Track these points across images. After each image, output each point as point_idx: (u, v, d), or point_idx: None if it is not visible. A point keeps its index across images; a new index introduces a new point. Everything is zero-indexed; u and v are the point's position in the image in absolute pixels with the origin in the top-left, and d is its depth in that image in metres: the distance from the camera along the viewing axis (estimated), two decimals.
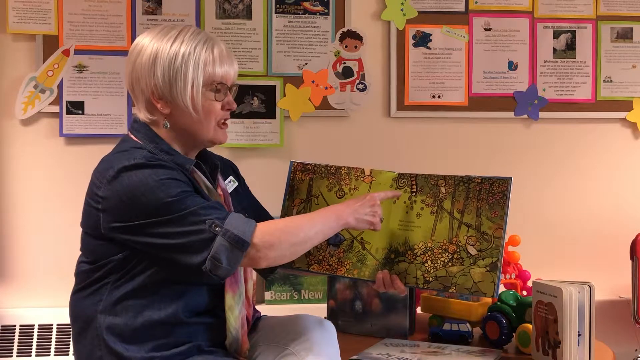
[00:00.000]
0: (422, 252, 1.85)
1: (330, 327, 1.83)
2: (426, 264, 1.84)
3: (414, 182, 1.92)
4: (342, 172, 1.98)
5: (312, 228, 1.71)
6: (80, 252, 1.77)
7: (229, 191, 1.88)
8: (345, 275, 1.90)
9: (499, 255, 1.81)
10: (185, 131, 1.75)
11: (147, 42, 1.73)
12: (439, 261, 1.84)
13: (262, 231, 1.64)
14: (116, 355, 1.66)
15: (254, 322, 1.90)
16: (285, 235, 1.67)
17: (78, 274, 1.75)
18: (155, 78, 1.71)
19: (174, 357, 1.68)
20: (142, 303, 1.66)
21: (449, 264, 1.83)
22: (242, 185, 1.98)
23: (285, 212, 2.02)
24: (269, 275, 2.03)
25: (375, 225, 1.80)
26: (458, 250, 1.83)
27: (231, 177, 1.92)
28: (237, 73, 1.82)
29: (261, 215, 2.01)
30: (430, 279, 1.83)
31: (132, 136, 1.77)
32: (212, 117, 1.76)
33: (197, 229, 1.60)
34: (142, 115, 1.75)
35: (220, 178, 1.85)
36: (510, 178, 1.84)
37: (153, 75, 1.71)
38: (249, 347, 1.80)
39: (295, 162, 2.04)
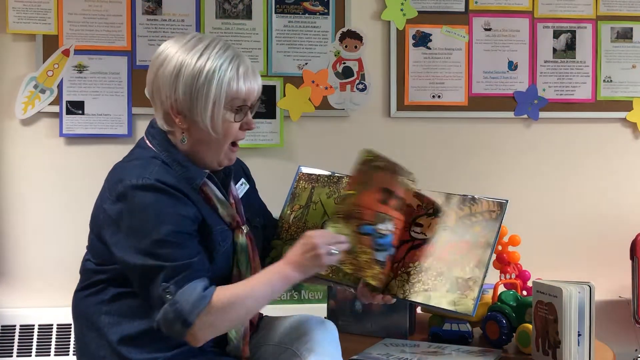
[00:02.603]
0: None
1: (332, 327, 1.84)
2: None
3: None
4: (344, 181, 1.97)
5: (257, 301, 1.66)
6: (85, 250, 1.77)
7: (240, 195, 1.87)
8: (330, 277, 1.88)
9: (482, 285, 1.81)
10: (199, 149, 1.72)
11: (172, 53, 1.69)
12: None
13: (209, 311, 1.58)
14: (119, 356, 1.67)
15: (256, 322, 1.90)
16: (228, 314, 1.62)
17: (83, 271, 1.75)
18: (176, 93, 1.67)
19: (175, 357, 1.68)
20: (146, 305, 1.66)
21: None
22: (252, 188, 1.96)
23: (282, 217, 2.01)
24: None
25: (323, 265, 1.69)
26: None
27: (243, 180, 1.90)
28: (260, 90, 1.76)
29: (267, 220, 2.01)
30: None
31: (147, 141, 1.75)
32: (228, 138, 1.73)
33: (154, 286, 1.59)
34: (160, 124, 1.73)
35: (232, 185, 1.83)
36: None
37: (175, 89, 1.67)
38: (249, 355, 1.80)
39: (302, 171, 2.03)
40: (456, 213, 1.88)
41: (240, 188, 1.88)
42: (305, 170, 2.03)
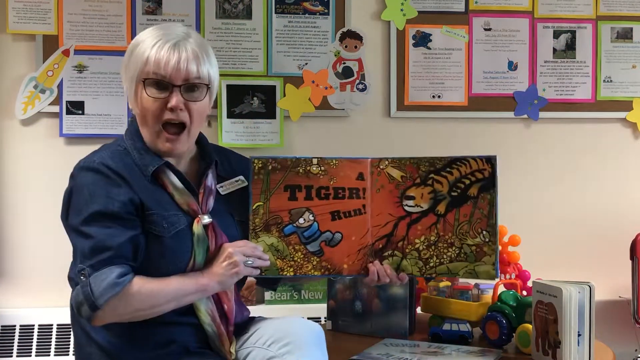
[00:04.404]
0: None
1: (318, 330, 1.78)
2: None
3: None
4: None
5: (167, 301, 1.67)
6: None
7: (229, 190, 1.86)
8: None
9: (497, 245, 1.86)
10: (140, 129, 1.77)
11: None
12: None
13: (119, 298, 1.61)
14: (107, 355, 1.70)
15: (246, 323, 1.89)
16: (135, 305, 1.64)
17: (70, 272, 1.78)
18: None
19: (161, 357, 1.69)
20: None
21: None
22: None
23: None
24: (275, 288, 2.04)
25: (239, 272, 1.73)
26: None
27: (240, 177, 1.89)
28: (188, 70, 1.71)
29: None
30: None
31: (124, 134, 1.81)
32: (148, 115, 1.72)
33: (75, 266, 1.67)
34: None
35: (209, 175, 1.82)
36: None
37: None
38: (234, 343, 1.79)
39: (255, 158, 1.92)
40: (446, 178, 1.87)
41: (235, 184, 1.87)
42: (258, 157, 1.90)
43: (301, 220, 1.86)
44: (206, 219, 1.75)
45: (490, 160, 1.87)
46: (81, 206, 1.66)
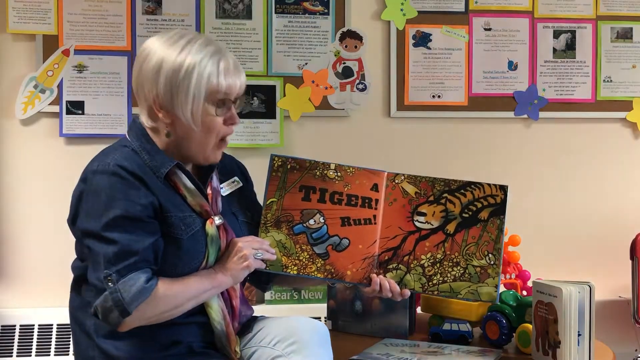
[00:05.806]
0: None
1: (323, 329, 1.79)
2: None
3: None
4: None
5: (188, 301, 1.68)
6: None
7: (228, 192, 1.87)
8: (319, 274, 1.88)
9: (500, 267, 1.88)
10: (184, 143, 1.74)
11: (155, 48, 1.71)
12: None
13: (150, 303, 1.61)
14: (108, 357, 1.68)
15: (249, 322, 1.89)
16: (162, 308, 1.65)
17: (72, 269, 1.77)
18: (158, 87, 1.69)
19: (165, 358, 1.68)
20: None
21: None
22: (249, 186, 1.96)
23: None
24: (265, 289, 2.04)
25: (250, 265, 1.74)
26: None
27: (235, 178, 1.90)
28: (243, 85, 1.78)
29: (259, 216, 2.00)
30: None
31: (127, 135, 1.78)
32: (213, 133, 1.74)
33: (98, 271, 1.62)
34: (144, 119, 1.75)
35: (214, 177, 1.83)
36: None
37: (156, 84, 1.69)
38: (238, 342, 1.79)
39: (275, 156, 1.95)
40: (459, 199, 1.90)
41: (231, 185, 1.88)
42: (278, 155, 1.94)
43: (311, 222, 1.88)
44: (218, 220, 1.76)
45: (503, 188, 1.90)
46: (100, 211, 1.63)
